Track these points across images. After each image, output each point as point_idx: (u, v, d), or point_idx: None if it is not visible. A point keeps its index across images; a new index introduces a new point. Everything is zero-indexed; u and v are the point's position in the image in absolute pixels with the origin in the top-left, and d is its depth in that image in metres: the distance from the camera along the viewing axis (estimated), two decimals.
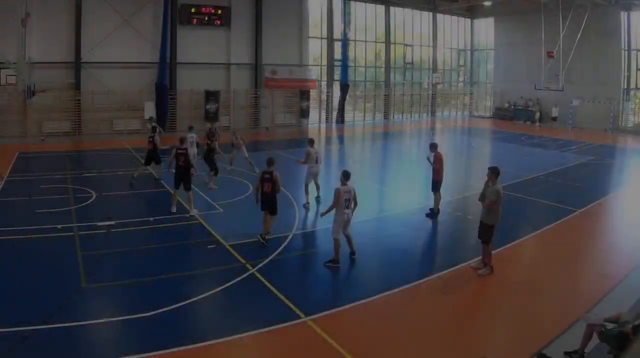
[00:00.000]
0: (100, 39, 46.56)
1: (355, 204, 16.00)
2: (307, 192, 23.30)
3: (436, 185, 21.50)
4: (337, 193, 15.56)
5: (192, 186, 22.21)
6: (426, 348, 11.77)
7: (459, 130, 58.16)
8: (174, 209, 21.57)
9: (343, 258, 16.29)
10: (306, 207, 23.12)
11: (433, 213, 21.54)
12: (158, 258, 16.79)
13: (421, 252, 18.57)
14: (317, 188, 23.82)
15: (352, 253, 16.31)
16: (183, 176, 21.35)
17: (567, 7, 53.19)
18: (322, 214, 16.96)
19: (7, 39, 36.75)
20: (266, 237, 17.80)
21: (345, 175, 15.96)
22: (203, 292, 13.84)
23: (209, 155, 26.08)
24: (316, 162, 23.41)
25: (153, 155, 27.11)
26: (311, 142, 24.09)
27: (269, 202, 17.79)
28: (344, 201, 15.46)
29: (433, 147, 21.70)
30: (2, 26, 38.63)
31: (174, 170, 21.78)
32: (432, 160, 21.54)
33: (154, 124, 31.61)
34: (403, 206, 23.52)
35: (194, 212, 21.23)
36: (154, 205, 23.38)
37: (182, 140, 22.08)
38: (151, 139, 27.43)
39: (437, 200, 21.62)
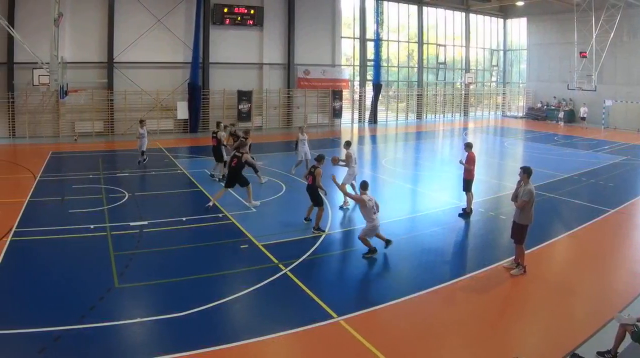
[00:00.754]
0: (132, 38, 45.70)
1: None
2: (346, 194, 21.97)
3: (468, 185, 21.16)
4: (361, 198, 16.19)
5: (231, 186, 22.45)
6: (459, 348, 11.55)
7: (492, 130, 56.27)
8: (211, 204, 21.61)
9: (371, 259, 16.33)
10: (344, 207, 22.50)
11: (465, 213, 21.14)
12: (191, 258, 16.46)
13: (454, 252, 18.02)
14: (354, 188, 23.08)
15: (388, 242, 16.60)
16: (235, 176, 21.73)
17: (600, 7, 51.58)
18: (335, 180, 18.22)
19: (40, 39, 35.95)
20: (316, 228, 18.59)
21: (363, 186, 16.42)
22: (236, 292, 13.58)
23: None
24: (355, 163, 23.11)
25: (216, 152, 26.99)
26: (348, 144, 23.73)
27: (309, 193, 18.89)
28: (372, 207, 15.81)
29: (468, 146, 21.44)
30: (35, 26, 38.95)
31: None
32: (464, 160, 21.25)
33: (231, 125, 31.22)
34: (436, 206, 22.88)
35: (254, 203, 21.71)
36: (187, 205, 23.21)
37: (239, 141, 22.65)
38: (214, 136, 27.36)
39: (469, 199, 21.24)
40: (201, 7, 46.70)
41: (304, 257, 16.13)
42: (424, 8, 62.49)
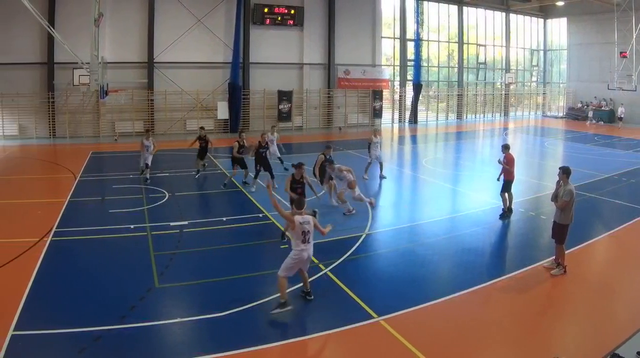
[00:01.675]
0: (172, 39, 44.33)
1: (323, 233, 12.93)
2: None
3: (507, 185, 20.18)
4: (291, 218, 12.41)
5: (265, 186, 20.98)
6: (499, 348, 11.15)
7: (532, 130, 54.15)
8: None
9: (411, 259, 15.98)
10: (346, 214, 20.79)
11: (504, 213, 20.24)
12: (231, 258, 16.01)
13: (494, 252, 17.43)
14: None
15: (307, 293, 12.92)
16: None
17: None
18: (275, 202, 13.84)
19: (81, 39, 34.29)
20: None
21: (299, 204, 12.73)
22: (276, 292, 12.73)
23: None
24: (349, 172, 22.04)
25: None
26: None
27: None
28: (303, 232, 12.18)
29: (505, 148, 20.44)
30: (75, 26, 37.83)
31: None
32: (503, 161, 20.19)
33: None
34: (476, 206, 22.03)
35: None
36: (227, 205, 22.57)
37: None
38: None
39: (510, 199, 20.32)
40: (241, 7, 45.92)
41: (344, 257, 15.63)
42: (464, 8, 60.36)
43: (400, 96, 57.66)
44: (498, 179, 20.18)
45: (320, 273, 14.40)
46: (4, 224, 18.82)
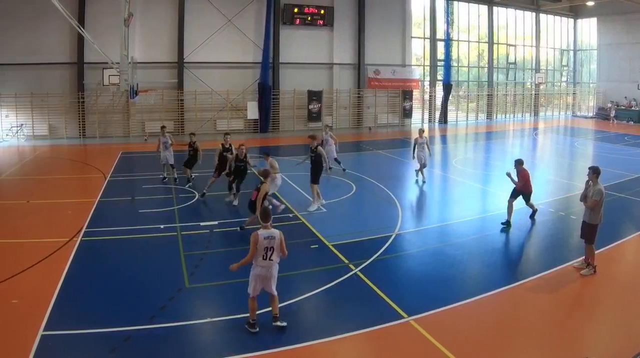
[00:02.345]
0: (202, 39, 43.10)
1: (284, 255, 11.28)
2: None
3: (527, 198, 19.10)
4: (254, 238, 10.89)
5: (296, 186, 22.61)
6: (528, 348, 10.79)
7: (562, 130, 52.66)
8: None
9: (440, 259, 15.64)
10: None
11: (533, 213, 19.34)
12: None
13: (523, 252, 17.04)
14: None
15: (274, 318, 11.28)
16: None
17: None
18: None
19: (110, 39, 33.32)
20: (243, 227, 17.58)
21: (265, 216, 11.35)
22: (306, 292, 12.86)
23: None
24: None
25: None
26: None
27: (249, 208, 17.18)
28: (263, 250, 10.85)
29: (518, 163, 18.90)
30: (105, 26, 36.91)
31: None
32: (514, 177, 18.88)
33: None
34: (506, 206, 20.28)
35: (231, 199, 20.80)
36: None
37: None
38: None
39: (510, 211, 18.89)
40: (271, 7, 44.89)
41: (374, 257, 15.31)
42: (494, 8, 58.35)
43: (430, 96, 56.00)
44: (508, 174, 18.95)
45: (350, 273, 14.08)
46: (34, 224, 18.53)
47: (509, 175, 18.61)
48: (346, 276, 13.83)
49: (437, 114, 55.86)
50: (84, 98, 40.43)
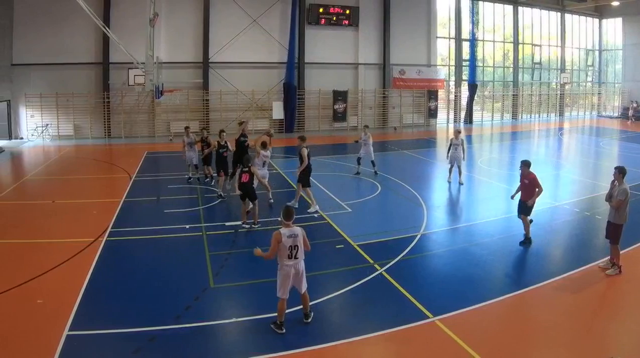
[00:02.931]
0: (228, 39, 42.00)
1: (307, 249, 11.04)
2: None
3: (526, 208, 16.42)
4: (276, 237, 10.55)
5: (321, 186, 22.32)
6: (554, 348, 10.38)
7: (587, 130, 50.99)
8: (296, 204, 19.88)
9: (466, 259, 15.09)
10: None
11: (526, 240, 16.38)
12: None
13: (549, 252, 16.22)
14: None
15: (305, 315, 11.25)
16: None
17: None
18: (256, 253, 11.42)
19: (136, 39, 32.60)
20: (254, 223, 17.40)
21: (287, 215, 10.76)
22: (331, 292, 12.55)
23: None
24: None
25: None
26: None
27: (243, 191, 17.09)
28: (288, 248, 10.54)
29: (524, 164, 16.55)
30: (130, 27, 36.23)
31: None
32: (525, 180, 16.56)
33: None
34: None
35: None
36: (282, 204, 19.79)
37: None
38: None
39: (526, 224, 16.45)
40: (296, 7, 43.83)
41: (400, 257, 14.91)
42: (519, 8, 56.62)
43: (455, 96, 54.44)
44: (512, 197, 16.76)
45: (376, 273, 13.72)
46: (60, 224, 18.11)
47: (513, 198, 16.79)
48: (371, 276, 13.47)
49: (462, 114, 54.52)
50: (109, 98, 39.65)
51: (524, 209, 16.19)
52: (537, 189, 15.84)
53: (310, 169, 19.81)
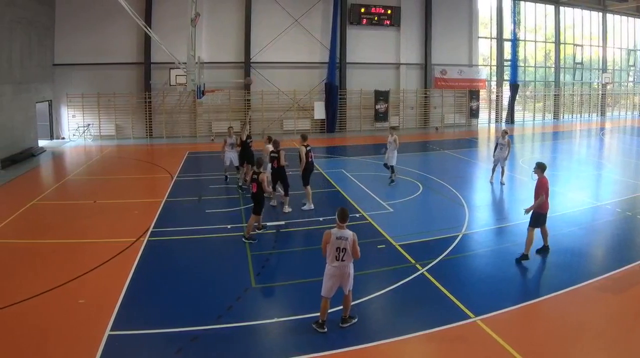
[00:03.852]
0: (269, 39, 40.42)
1: (356, 257, 10.32)
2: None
3: (539, 220, 14.47)
4: (325, 237, 10.29)
5: (363, 187, 22.04)
6: (596, 348, 9.90)
7: (629, 130, 48.39)
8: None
9: (507, 259, 14.28)
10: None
11: (523, 257, 14.31)
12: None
13: (590, 252, 15.54)
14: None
15: (343, 320, 10.63)
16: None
17: None
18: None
19: (177, 39, 31.63)
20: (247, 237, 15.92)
21: (342, 216, 10.28)
22: (373, 292, 11.91)
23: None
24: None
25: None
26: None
27: (253, 201, 15.91)
28: (335, 250, 10.10)
29: (538, 167, 14.76)
30: (172, 27, 35.25)
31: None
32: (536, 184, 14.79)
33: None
34: (573, 206, 19.87)
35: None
36: (324, 204, 20.39)
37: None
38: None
39: (530, 239, 14.34)
40: (338, 7, 41.96)
41: (441, 257, 14.38)
42: (561, 8, 53.89)
43: (497, 96, 52.08)
44: (526, 212, 14.49)
45: (417, 273, 13.26)
46: (101, 224, 17.59)
47: (526, 211, 14.66)
48: (413, 276, 13.03)
49: (504, 114, 52.16)
50: (151, 98, 38.57)
51: (539, 221, 14.38)
52: (542, 195, 14.01)
53: (311, 168, 19.28)
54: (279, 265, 14.13)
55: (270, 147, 19.19)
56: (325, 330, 10.24)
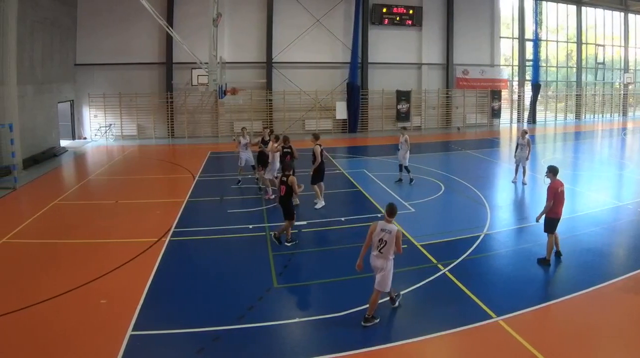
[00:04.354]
0: (291, 39, 39.52)
1: (398, 251, 10.37)
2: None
3: (551, 225, 13.82)
4: (371, 227, 10.51)
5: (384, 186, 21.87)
6: (619, 349, 9.59)
7: None
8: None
9: (529, 259, 13.78)
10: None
11: (545, 261, 13.85)
12: (349, 258, 13.70)
13: (613, 252, 15.05)
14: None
15: (364, 319, 10.60)
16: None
17: None
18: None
19: (199, 39, 30.95)
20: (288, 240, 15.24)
21: (390, 211, 10.48)
22: (392, 293, 11.03)
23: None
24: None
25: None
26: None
27: (282, 206, 15.17)
28: (378, 241, 10.24)
29: (550, 171, 14.05)
30: (193, 27, 34.66)
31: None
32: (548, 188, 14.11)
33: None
34: (595, 206, 19.45)
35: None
36: (346, 205, 20.44)
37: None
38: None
39: (550, 243, 13.86)
40: (360, 7, 40.92)
41: (463, 257, 14.05)
42: (583, 8, 52.36)
43: (518, 96, 50.76)
44: (537, 220, 13.98)
45: (439, 273, 12.99)
46: (123, 224, 17.33)
47: (538, 220, 14.18)
48: (435, 276, 12.79)
49: (526, 114, 50.69)
50: (173, 98, 37.86)
51: (551, 226, 13.74)
52: (550, 201, 13.40)
53: (323, 167, 19.08)
54: (301, 265, 13.85)
55: (277, 145, 19.27)
56: (378, 320, 10.42)
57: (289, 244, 15.06)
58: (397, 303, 11.05)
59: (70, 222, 17.58)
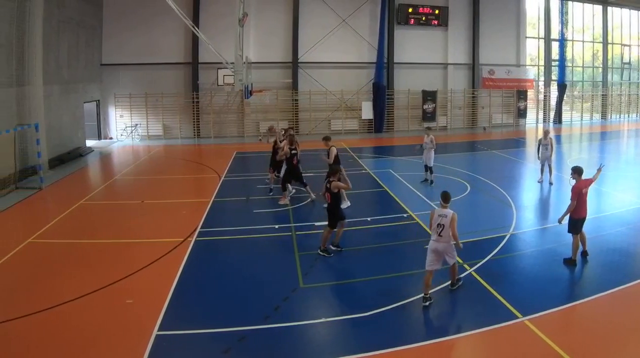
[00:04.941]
0: (317, 39, 38.53)
1: (453, 234, 10.71)
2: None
3: (575, 226, 13.48)
4: (431, 214, 11.25)
5: (410, 186, 21.75)
6: None
7: None
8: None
9: (555, 259, 13.41)
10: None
11: (571, 261, 13.52)
12: (375, 258, 14.10)
13: (639, 252, 14.26)
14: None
15: (451, 284, 11.49)
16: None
17: None
18: None
19: (225, 39, 30.06)
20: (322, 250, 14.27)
21: (445, 198, 11.15)
22: (420, 292, 11.07)
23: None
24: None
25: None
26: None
27: (328, 213, 14.25)
28: (436, 226, 10.81)
29: (575, 171, 13.66)
30: (219, 27, 33.90)
31: None
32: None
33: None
34: (621, 206, 18.89)
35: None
36: (372, 205, 20.15)
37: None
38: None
39: (576, 244, 13.50)
40: (386, 7, 39.87)
41: (489, 257, 13.74)
42: (609, 8, 51.24)
43: (544, 96, 48.99)
44: (560, 221, 13.51)
45: (465, 273, 12.66)
46: (149, 224, 17.15)
47: (560, 221, 13.75)
48: (461, 276, 12.29)
49: (552, 114, 49.40)
50: (199, 98, 37.06)
51: (575, 227, 13.40)
52: (572, 201, 13.09)
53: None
54: (327, 266, 13.59)
55: (284, 146, 18.87)
56: (430, 301, 10.70)
57: (334, 248, 14.48)
58: (459, 284, 11.50)
59: (96, 222, 17.35)
